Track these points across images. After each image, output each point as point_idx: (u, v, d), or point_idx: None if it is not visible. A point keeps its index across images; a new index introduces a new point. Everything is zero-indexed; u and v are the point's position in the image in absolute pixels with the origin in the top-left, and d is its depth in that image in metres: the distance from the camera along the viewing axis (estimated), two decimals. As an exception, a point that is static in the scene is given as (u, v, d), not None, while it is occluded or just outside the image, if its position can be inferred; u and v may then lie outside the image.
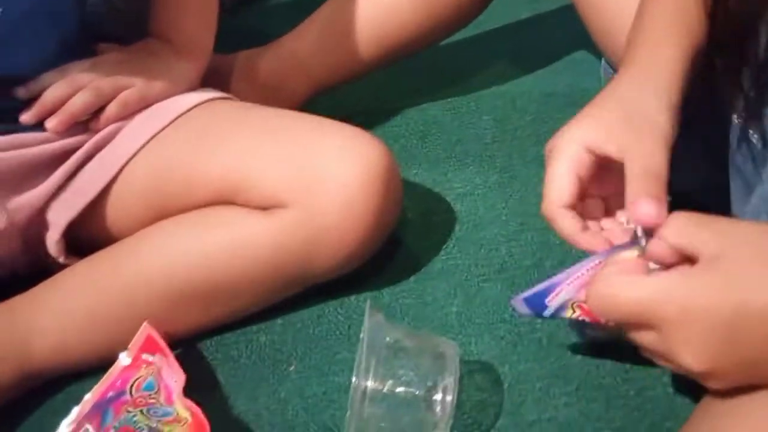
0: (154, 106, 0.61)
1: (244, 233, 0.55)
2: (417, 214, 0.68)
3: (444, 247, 0.64)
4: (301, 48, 0.75)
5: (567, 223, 0.44)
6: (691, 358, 0.36)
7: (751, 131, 0.50)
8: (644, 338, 0.38)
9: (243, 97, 0.71)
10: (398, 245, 0.65)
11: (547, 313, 0.47)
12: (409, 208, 0.68)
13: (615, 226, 0.46)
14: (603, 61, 0.71)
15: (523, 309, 0.48)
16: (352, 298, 0.61)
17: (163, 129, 0.59)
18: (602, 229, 0.47)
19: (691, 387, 0.43)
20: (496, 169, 0.72)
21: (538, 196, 0.68)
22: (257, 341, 0.58)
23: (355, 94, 0.80)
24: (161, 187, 0.58)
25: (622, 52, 0.49)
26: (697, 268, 0.37)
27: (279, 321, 0.59)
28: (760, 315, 0.35)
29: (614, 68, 0.65)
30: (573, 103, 0.78)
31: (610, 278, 0.39)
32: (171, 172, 0.58)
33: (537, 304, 0.47)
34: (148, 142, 0.59)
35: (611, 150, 0.44)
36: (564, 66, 0.84)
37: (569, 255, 0.51)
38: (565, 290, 0.46)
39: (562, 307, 0.47)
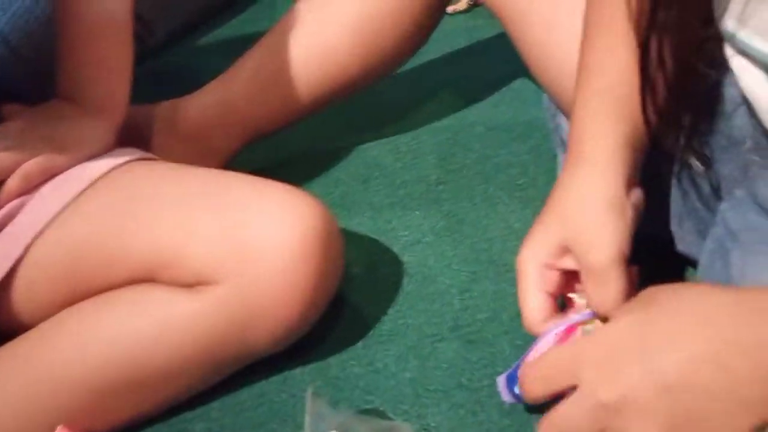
0: (63, 175, 0.55)
1: (171, 315, 0.50)
2: (362, 268, 0.64)
3: (392, 304, 0.60)
4: (230, 95, 0.69)
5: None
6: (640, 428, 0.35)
7: (697, 175, 0.48)
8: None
9: (166, 153, 0.66)
10: (343, 305, 0.60)
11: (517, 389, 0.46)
12: (354, 262, 0.64)
13: None
14: (544, 95, 0.68)
15: (507, 396, 0.48)
16: (297, 371, 0.56)
17: (74, 200, 0.53)
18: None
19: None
20: (443, 213, 0.68)
21: (489, 241, 0.66)
22: (192, 431, 0.52)
23: (289, 137, 0.76)
24: (75, 266, 0.53)
25: (566, 105, 0.49)
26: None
27: (216, 405, 0.54)
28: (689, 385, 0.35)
29: (555, 103, 0.62)
30: (517, 137, 0.76)
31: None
32: (85, 249, 0.52)
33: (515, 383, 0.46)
34: (57, 215, 0.53)
35: (568, 265, 0.46)
36: (505, 96, 0.81)
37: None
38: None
39: None
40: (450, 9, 0.93)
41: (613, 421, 0.35)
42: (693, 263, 0.57)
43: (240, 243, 0.50)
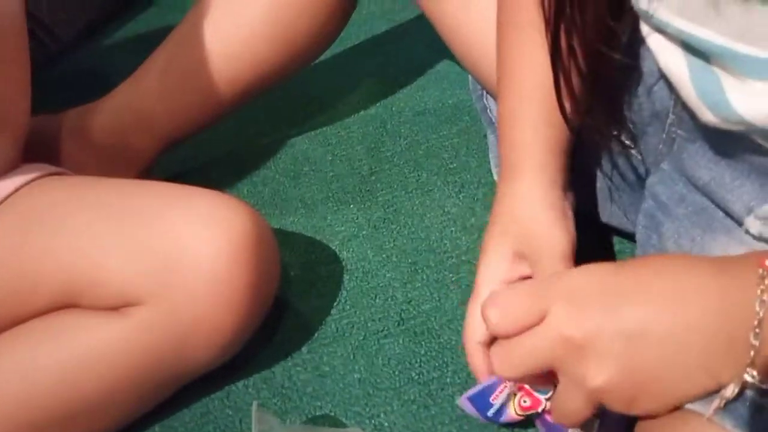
0: (-40, 200, 0.50)
1: (95, 341, 0.46)
2: (300, 269, 0.61)
3: (335, 304, 0.58)
4: (140, 97, 0.64)
5: (477, 361, 0.45)
6: (596, 370, 0.36)
7: (628, 145, 0.48)
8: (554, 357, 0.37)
9: (76, 164, 0.62)
10: (283, 310, 0.58)
11: (491, 412, 0.45)
12: (291, 264, 0.61)
13: None
14: (470, 76, 0.68)
15: (470, 409, 0.46)
16: (240, 384, 0.53)
17: (-24, 226, 0.49)
18: None
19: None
20: (379, 205, 0.66)
21: (427, 229, 0.65)
22: (134, 459, 0.50)
23: (212, 136, 0.72)
24: None
25: (491, 86, 0.50)
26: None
27: (156, 429, 0.51)
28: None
29: (481, 84, 0.61)
30: (446, 120, 0.75)
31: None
32: None
33: (481, 402, 0.45)
34: (-43, 245, 0.49)
35: (526, 271, 0.46)
36: (430, 80, 0.80)
37: (467, 293, 0.47)
38: (509, 386, 0.44)
39: (505, 404, 0.45)
40: (366, -7, 0.91)
41: (572, 356, 0.35)
42: (620, 233, 0.58)
43: (161, 257, 0.46)
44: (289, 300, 0.59)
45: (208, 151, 0.73)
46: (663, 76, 0.43)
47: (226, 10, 0.64)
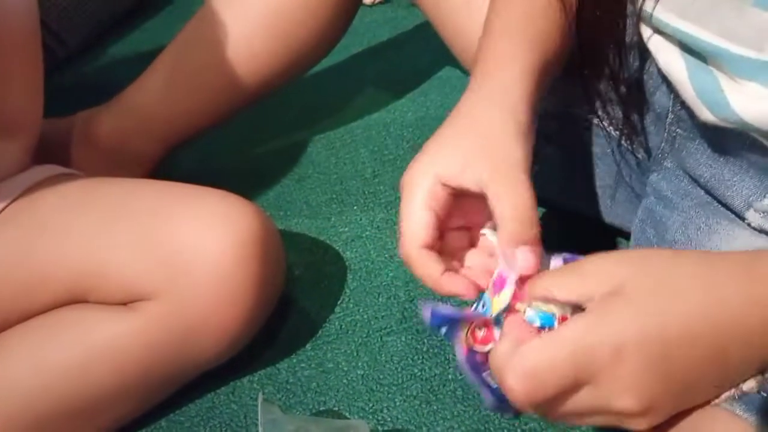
0: (-25, 200, 0.51)
1: (104, 336, 0.47)
2: (305, 268, 0.63)
3: (338, 302, 0.59)
4: (144, 101, 0.66)
5: (426, 267, 0.39)
6: (631, 398, 0.33)
7: (633, 144, 0.49)
8: (577, 402, 0.34)
9: (85, 166, 0.63)
10: (289, 307, 0.59)
11: (444, 330, 0.39)
12: (296, 264, 0.62)
13: (479, 262, 0.42)
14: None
15: (426, 316, 0.39)
16: (245, 380, 0.54)
17: (-12, 224, 0.50)
18: (466, 267, 0.42)
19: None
20: (381, 206, 0.68)
21: (429, 230, 0.66)
22: (140, 453, 0.51)
23: (218, 140, 0.73)
24: None
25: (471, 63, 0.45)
26: (600, 306, 0.34)
27: (163, 424, 0.52)
28: (686, 338, 0.33)
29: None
30: (448, 124, 0.76)
31: (517, 355, 0.34)
32: (4, 275, 0.49)
33: (440, 320, 0.39)
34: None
35: (469, 183, 0.39)
36: (432, 85, 0.81)
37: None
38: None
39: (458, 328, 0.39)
40: (369, 0, 0.93)
41: (605, 360, 0.33)
42: (625, 234, 0.59)
43: (169, 254, 0.48)
44: (294, 298, 0.60)
45: (215, 154, 0.75)
46: (665, 78, 0.44)
47: (226, 18, 0.65)
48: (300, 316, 0.59)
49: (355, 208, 0.68)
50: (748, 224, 0.42)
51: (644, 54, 0.45)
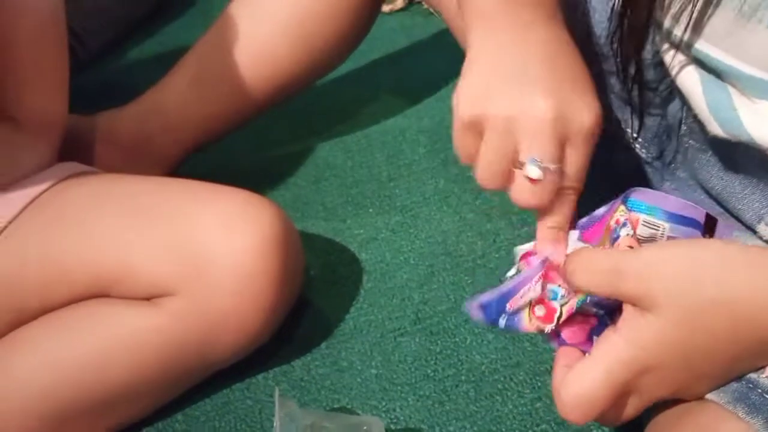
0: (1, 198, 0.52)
1: (126, 331, 0.48)
2: (320, 269, 0.63)
3: (353, 303, 0.60)
4: (167, 102, 0.67)
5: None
6: (666, 394, 0.36)
7: (642, 148, 0.50)
8: (629, 406, 0.37)
9: (107, 164, 0.64)
10: (304, 306, 0.60)
11: (503, 321, 0.40)
12: (311, 264, 0.63)
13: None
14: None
15: (477, 314, 0.41)
16: (260, 377, 0.55)
17: (13, 220, 0.51)
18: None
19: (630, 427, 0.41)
20: (397, 210, 0.68)
21: (444, 234, 0.67)
22: (157, 445, 0.51)
23: (237, 142, 0.75)
24: (16, 288, 0.50)
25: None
26: (631, 321, 0.36)
27: (179, 418, 0.52)
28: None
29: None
30: (464, 130, 0.77)
31: (563, 386, 0.36)
32: (26, 269, 0.50)
33: (495, 309, 0.41)
34: (-4, 236, 0.51)
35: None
36: (449, 92, 0.81)
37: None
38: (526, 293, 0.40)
39: (519, 312, 0.40)
40: (387, 8, 0.94)
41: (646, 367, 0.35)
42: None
43: (191, 252, 0.48)
44: (309, 298, 0.61)
45: (234, 156, 0.76)
46: (678, 90, 0.45)
47: (248, 22, 0.66)
48: (315, 316, 0.60)
49: (370, 210, 0.69)
50: (760, 237, 0.43)
51: (660, 65, 0.46)
